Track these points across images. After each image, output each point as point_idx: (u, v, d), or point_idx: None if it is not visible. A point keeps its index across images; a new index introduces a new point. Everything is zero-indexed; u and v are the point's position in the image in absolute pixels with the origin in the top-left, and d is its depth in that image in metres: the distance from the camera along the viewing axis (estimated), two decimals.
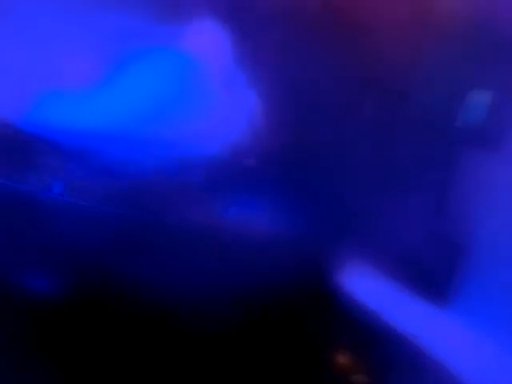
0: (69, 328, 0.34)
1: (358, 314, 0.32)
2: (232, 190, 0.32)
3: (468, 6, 0.30)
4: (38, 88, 0.32)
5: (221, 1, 0.31)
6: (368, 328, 0.32)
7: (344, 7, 0.30)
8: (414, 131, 0.31)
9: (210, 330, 0.32)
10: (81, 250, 0.32)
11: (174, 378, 0.33)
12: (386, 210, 0.31)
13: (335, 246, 0.32)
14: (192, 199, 0.32)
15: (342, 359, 0.32)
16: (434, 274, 0.31)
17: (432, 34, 0.31)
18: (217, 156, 0.31)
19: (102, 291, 0.33)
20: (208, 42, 0.31)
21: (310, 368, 0.33)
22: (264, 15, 0.31)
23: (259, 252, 0.32)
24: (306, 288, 0.32)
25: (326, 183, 0.31)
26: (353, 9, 0.30)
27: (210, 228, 0.32)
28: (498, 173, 0.31)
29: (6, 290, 0.34)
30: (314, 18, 0.30)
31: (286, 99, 0.31)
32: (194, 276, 0.32)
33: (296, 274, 0.32)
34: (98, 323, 0.33)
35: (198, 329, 0.32)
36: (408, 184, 0.31)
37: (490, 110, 0.31)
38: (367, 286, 0.32)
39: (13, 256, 0.34)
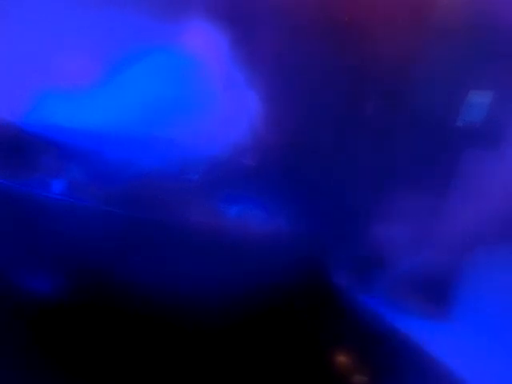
0: (69, 327, 0.34)
1: (358, 314, 0.32)
2: (232, 190, 0.32)
3: (468, 5, 0.30)
4: (39, 88, 0.32)
5: (222, 0, 0.31)
6: (368, 328, 0.32)
7: (344, 7, 0.30)
8: (414, 131, 0.31)
9: (209, 329, 0.32)
10: (81, 250, 0.32)
11: (174, 376, 0.34)
12: (385, 209, 0.31)
13: (335, 246, 0.32)
14: (192, 199, 0.32)
15: (342, 359, 0.32)
16: (434, 274, 0.31)
17: (432, 33, 0.31)
18: (217, 156, 0.31)
19: (102, 290, 0.33)
20: (208, 42, 0.31)
21: (309, 368, 0.33)
22: (265, 15, 0.31)
23: (259, 251, 0.32)
24: (306, 288, 0.32)
25: (326, 183, 0.31)
26: (353, 8, 0.30)
27: (210, 227, 0.32)
28: (498, 172, 0.31)
29: (6, 290, 0.34)
30: (314, 18, 0.30)
31: (286, 99, 0.31)
32: (194, 275, 0.32)
33: (296, 274, 0.32)
34: (98, 322, 0.33)
35: (197, 328, 0.33)
36: (408, 183, 0.31)
37: (490, 109, 0.30)
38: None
39: (13, 256, 0.34)
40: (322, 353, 0.33)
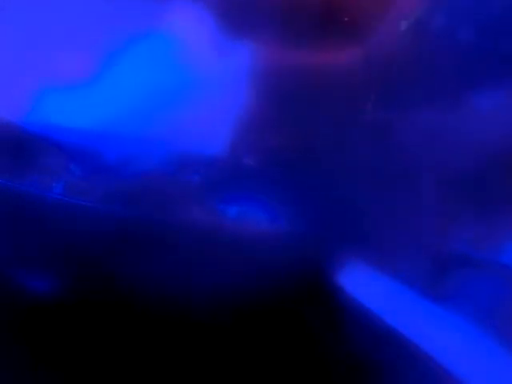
0: (69, 328, 0.34)
1: (358, 314, 0.32)
2: (232, 190, 0.32)
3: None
4: (38, 87, 0.32)
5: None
6: (367, 327, 0.32)
7: (344, 5, 0.30)
8: (414, 131, 0.31)
9: (208, 329, 0.32)
10: (81, 250, 0.32)
11: (173, 376, 0.33)
12: (385, 209, 0.31)
13: (335, 246, 0.32)
14: (192, 199, 0.32)
15: (342, 359, 0.32)
16: (433, 273, 0.31)
17: (433, 35, 0.31)
18: (217, 155, 0.31)
19: (102, 291, 0.33)
20: (210, 41, 0.31)
21: (308, 368, 0.33)
22: (264, 13, 0.31)
23: (259, 252, 0.32)
24: (306, 288, 0.32)
25: (327, 183, 0.31)
26: (353, 6, 0.30)
27: (210, 227, 0.32)
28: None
29: (6, 290, 0.34)
30: (314, 15, 0.30)
31: (287, 98, 0.31)
32: (194, 275, 0.32)
33: (296, 274, 0.32)
34: (98, 323, 0.33)
35: (196, 328, 0.32)
36: (408, 183, 0.31)
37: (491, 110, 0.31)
38: (367, 286, 0.32)
39: (13, 256, 0.34)
40: (322, 353, 0.33)
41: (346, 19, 0.30)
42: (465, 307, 0.31)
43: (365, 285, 0.32)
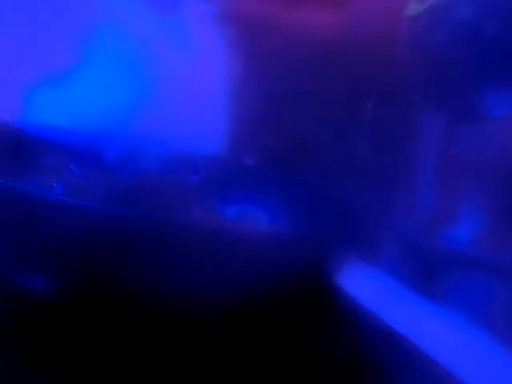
0: (69, 328, 0.34)
1: (358, 314, 0.32)
2: (232, 190, 0.32)
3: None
4: (37, 88, 0.32)
5: None
6: (367, 327, 0.32)
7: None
8: (413, 131, 0.31)
9: (208, 328, 0.32)
10: (81, 250, 0.32)
11: (174, 374, 0.33)
12: (385, 209, 0.31)
13: (335, 246, 0.32)
14: (192, 199, 0.32)
15: (342, 359, 0.32)
16: (433, 273, 0.31)
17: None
18: (217, 155, 0.31)
19: (102, 291, 0.33)
20: (208, 40, 0.31)
21: (308, 366, 0.33)
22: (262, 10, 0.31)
23: (259, 252, 0.32)
24: (306, 287, 0.32)
25: (327, 183, 0.31)
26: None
27: (210, 227, 0.32)
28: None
29: (6, 290, 0.34)
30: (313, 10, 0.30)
31: (286, 97, 0.31)
32: (194, 275, 0.32)
33: (295, 274, 0.32)
34: (98, 323, 0.33)
35: (196, 328, 0.32)
36: (408, 183, 0.31)
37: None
38: (366, 286, 0.32)
39: (13, 256, 0.34)
40: (322, 352, 0.33)
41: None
42: (464, 306, 0.31)
43: (364, 285, 0.32)
